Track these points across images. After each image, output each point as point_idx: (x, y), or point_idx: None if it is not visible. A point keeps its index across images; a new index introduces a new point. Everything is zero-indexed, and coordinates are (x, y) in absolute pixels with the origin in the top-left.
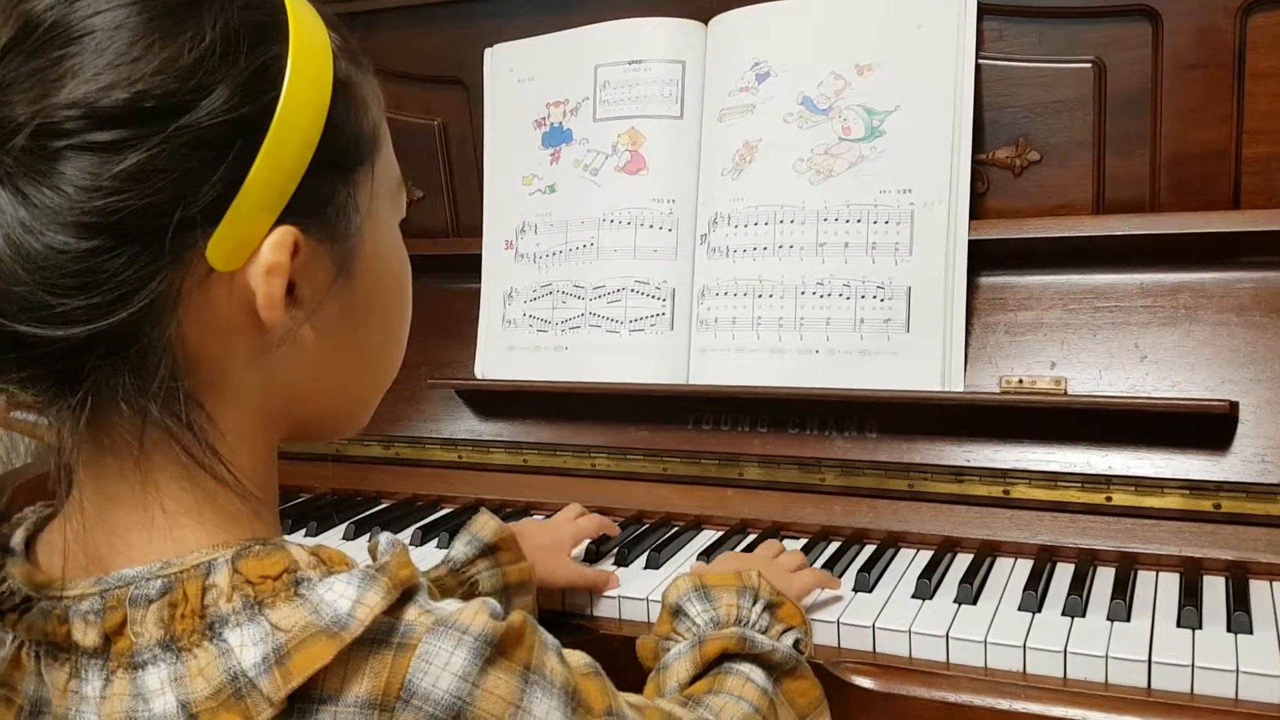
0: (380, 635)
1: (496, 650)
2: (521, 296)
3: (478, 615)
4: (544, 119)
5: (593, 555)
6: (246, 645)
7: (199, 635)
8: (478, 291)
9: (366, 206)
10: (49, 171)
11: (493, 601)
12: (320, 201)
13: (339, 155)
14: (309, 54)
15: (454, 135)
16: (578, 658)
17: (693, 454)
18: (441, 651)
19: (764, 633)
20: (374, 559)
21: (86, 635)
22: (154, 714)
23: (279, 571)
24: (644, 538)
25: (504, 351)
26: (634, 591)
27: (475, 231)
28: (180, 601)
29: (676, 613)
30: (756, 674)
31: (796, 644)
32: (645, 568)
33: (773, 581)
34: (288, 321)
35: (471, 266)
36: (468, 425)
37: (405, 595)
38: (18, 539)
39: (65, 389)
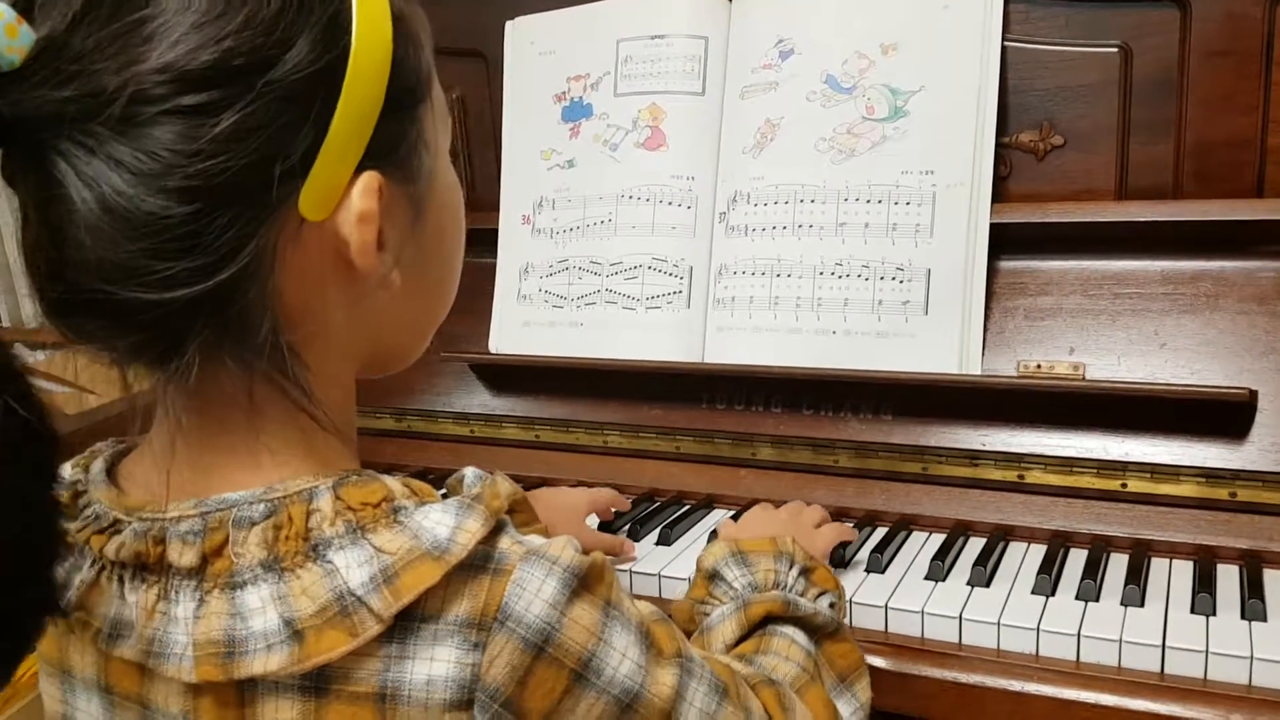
0: (478, 561)
1: (582, 583)
2: (537, 272)
3: (565, 548)
4: (564, 93)
5: (605, 531)
6: (352, 566)
7: (302, 556)
8: (493, 266)
9: (433, 143)
10: (142, 137)
11: (575, 539)
12: (394, 143)
13: (404, 94)
14: None
15: (472, 108)
16: (645, 605)
17: (706, 433)
18: (534, 578)
19: (800, 595)
20: (452, 493)
21: (183, 556)
22: (253, 631)
23: (378, 499)
24: (656, 515)
25: (519, 327)
26: (646, 567)
27: (492, 206)
28: (285, 524)
29: (713, 577)
30: (800, 636)
31: (831, 606)
32: (656, 544)
33: (803, 543)
34: (378, 266)
35: (487, 241)
36: (481, 400)
37: (498, 525)
38: (98, 468)
39: (172, 352)
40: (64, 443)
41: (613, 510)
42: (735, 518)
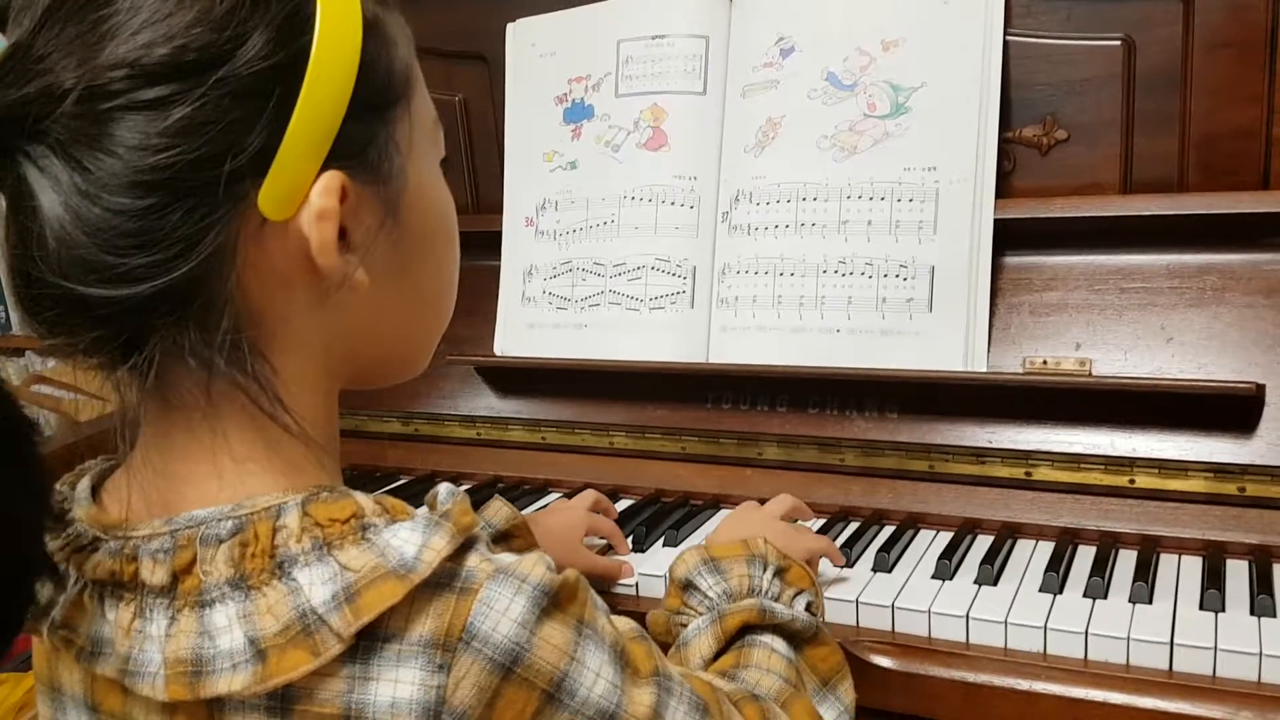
0: (444, 579)
1: (553, 602)
2: (541, 274)
3: (536, 566)
4: (566, 95)
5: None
6: (315, 584)
7: (268, 574)
8: (497, 269)
9: (407, 146)
10: (100, 135)
11: (548, 556)
12: (362, 144)
13: (375, 96)
14: None
15: (475, 111)
16: (624, 623)
17: (711, 433)
18: (502, 598)
19: (776, 599)
20: (431, 509)
21: (154, 574)
22: (219, 650)
23: (347, 516)
24: (662, 516)
25: (523, 329)
26: (652, 569)
27: (495, 208)
28: (251, 541)
29: (687, 587)
30: (779, 644)
31: (809, 606)
32: (663, 545)
33: (778, 543)
34: (342, 266)
35: (491, 243)
36: (487, 402)
37: (467, 543)
38: (83, 486)
39: (132, 348)
40: (48, 457)
41: (615, 514)
42: None
